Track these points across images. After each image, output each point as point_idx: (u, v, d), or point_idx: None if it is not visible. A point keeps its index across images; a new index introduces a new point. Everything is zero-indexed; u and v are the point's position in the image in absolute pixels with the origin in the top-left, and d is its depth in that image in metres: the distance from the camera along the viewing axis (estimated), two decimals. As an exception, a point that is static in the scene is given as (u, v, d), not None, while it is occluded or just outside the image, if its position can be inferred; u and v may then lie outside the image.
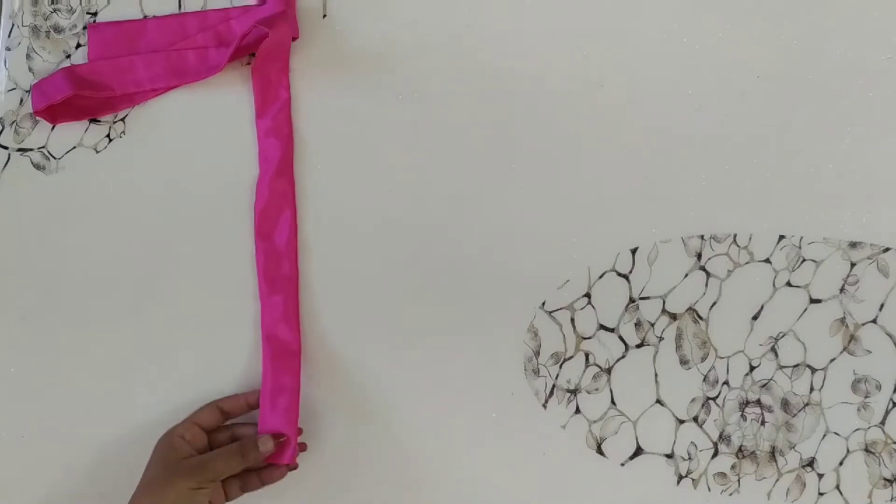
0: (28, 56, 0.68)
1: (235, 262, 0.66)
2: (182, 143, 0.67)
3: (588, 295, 0.65)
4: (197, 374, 0.65)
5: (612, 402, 0.64)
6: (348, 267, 0.66)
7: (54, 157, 0.68)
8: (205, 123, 0.67)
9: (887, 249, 0.63)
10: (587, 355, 0.65)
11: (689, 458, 0.64)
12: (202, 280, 0.66)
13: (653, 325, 0.64)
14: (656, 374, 0.64)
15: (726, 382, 0.64)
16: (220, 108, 0.67)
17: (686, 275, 0.64)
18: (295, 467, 0.63)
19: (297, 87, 0.66)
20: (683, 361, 0.64)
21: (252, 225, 0.66)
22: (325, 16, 0.67)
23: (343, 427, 0.63)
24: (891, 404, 0.63)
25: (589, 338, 0.65)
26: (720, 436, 0.64)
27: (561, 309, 0.65)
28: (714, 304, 0.64)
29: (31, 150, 0.68)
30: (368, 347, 0.65)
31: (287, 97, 0.66)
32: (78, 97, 0.66)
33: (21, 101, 0.68)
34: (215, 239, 0.66)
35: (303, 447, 0.64)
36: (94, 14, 0.68)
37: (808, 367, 0.63)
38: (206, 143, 0.67)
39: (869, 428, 0.63)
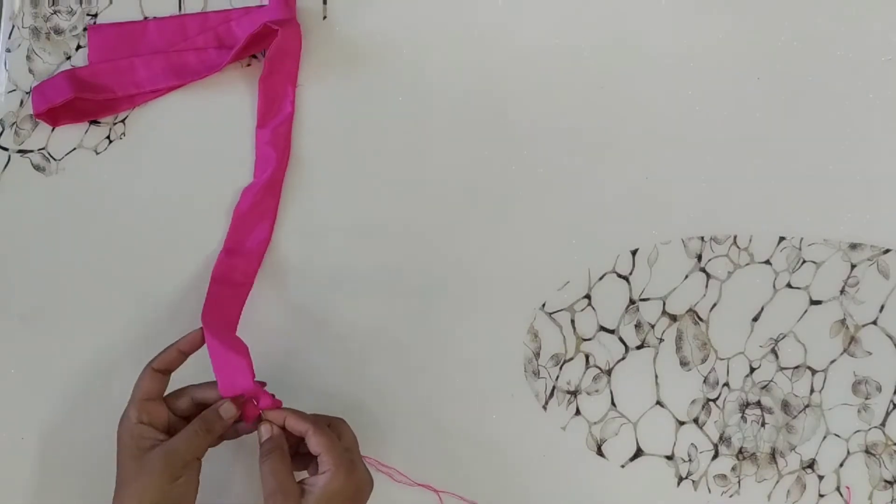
0: (28, 57, 0.68)
1: (235, 263, 0.66)
2: (182, 145, 0.67)
3: (588, 296, 0.65)
4: (197, 374, 0.65)
5: (613, 403, 0.64)
6: (344, 268, 0.66)
7: (54, 159, 0.68)
8: (205, 125, 0.67)
9: (887, 251, 0.63)
10: (587, 357, 0.65)
11: (690, 460, 0.64)
12: (202, 281, 0.66)
13: (653, 326, 0.64)
14: (656, 376, 0.64)
15: (727, 384, 0.64)
16: (221, 110, 0.67)
17: (686, 276, 0.64)
18: (279, 405, 0.59)
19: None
20: (684, 363, 0.64)
21: None
22: (325, 17, 0.67)
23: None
24: (891, 406, 0.63)
25: (589, 339, 0.65)
26: (720, 437, 0.64)
27: (561, 310, 0.65)
28: (714, 305, 0.64)
29: (31, 151, 0.68)
30: (367, 349, 0.65)
31: (290, 111, 0.66)
32: (78, 99, 0.66)
33: (21, 102, 0.68)
34: (215, 240, 0.66)
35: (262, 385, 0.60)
36: (95, 15, 0.68)
37: (809, 368, 0.63)
38: (206, 145, 0.67)
39: (869, 429, 0.63)
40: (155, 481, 0.55)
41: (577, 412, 0.64)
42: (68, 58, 0.68)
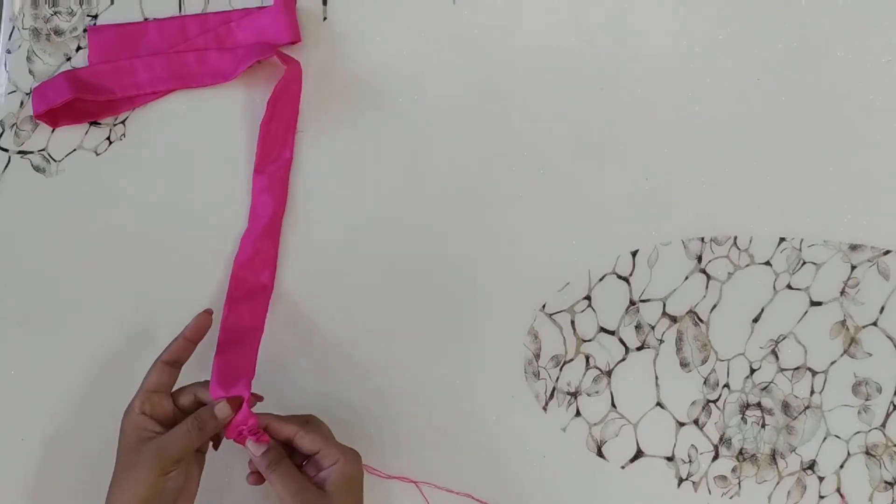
0: (28, 59, 0.68)
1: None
2: (182, 146, 0.67)
3: (588, 297, 0.65)
4: (195, 375, 0.65)
5: (613, 404, 0.64)
6: (340, 269, 0.66)
7: (54, 160, 0.68)
8: (205, 126, 0.67)
9: (888, 252, 0.63)
10: (587, 358, 0.64)
11: (690, 461, 0.64)
12: (201, 282, 0.66)
13: (653, 327, 0.64)
14: (657, 377, 0.64)
15: (727, 385, 0.64)
16: (221, 110, 0.67)
17: (686, 277, 0.64)
18: (261, 398, 0.60)
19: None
20: (684, 364, 0.64)
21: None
22: (325, 18, 0.67)
23: (340, 432, 0.63)
24: (891, 407, 0.63)
25: (589, 340, 0.65)
26: (721, 438, 0.64)
27: (561, 311, 0.65)
28: (714, 306, 0.64)
29: (31, 152, 0.68)
30: (367, 350, 0.65)
31: (289, 157, 0.66)
32: (78, 100, 0.66)
33: (21, 103, 0.68)
34: (214, 241, 0.66)
35: (258, 398, 0.61)
36: (95, 17, 0.68)
37: (809, 369, 0.63)
38: (207, 145, 0.67)
39: (870, 431, 0.63)
40: (144, 475, 0.55)
41: (578, 413, 0.64)
42: (68, 59, 0.68)
